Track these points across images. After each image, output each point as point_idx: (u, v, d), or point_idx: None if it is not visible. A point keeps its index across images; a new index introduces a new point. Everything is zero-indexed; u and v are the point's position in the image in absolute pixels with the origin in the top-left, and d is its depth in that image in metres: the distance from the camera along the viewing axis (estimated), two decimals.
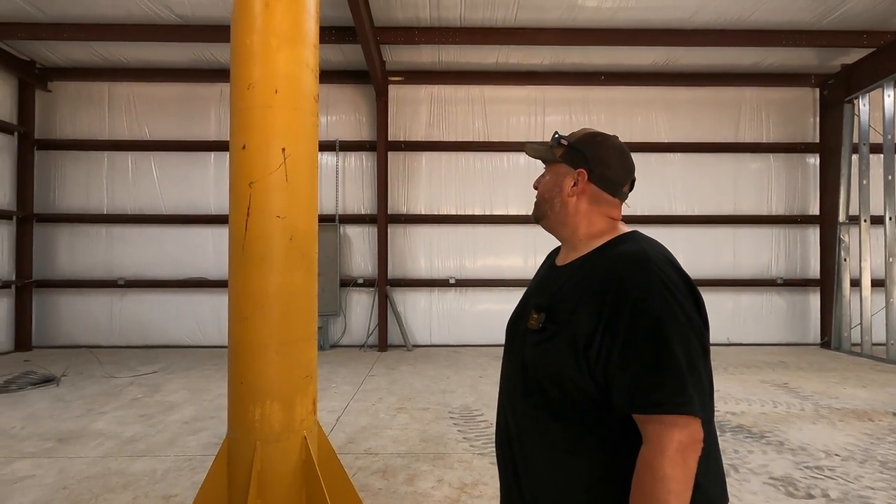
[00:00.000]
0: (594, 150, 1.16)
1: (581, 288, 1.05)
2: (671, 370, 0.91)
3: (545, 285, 1.20)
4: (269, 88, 2.11)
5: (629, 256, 1.03)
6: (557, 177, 1.18)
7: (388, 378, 5.86)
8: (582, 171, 1.14)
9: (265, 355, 2.12)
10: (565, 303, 1.06)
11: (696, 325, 0.96)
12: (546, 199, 1.19)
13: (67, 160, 7.89)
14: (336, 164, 7.94)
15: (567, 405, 1.01)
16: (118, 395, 5.14)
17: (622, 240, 1.11)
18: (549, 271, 1.24)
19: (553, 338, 1.04)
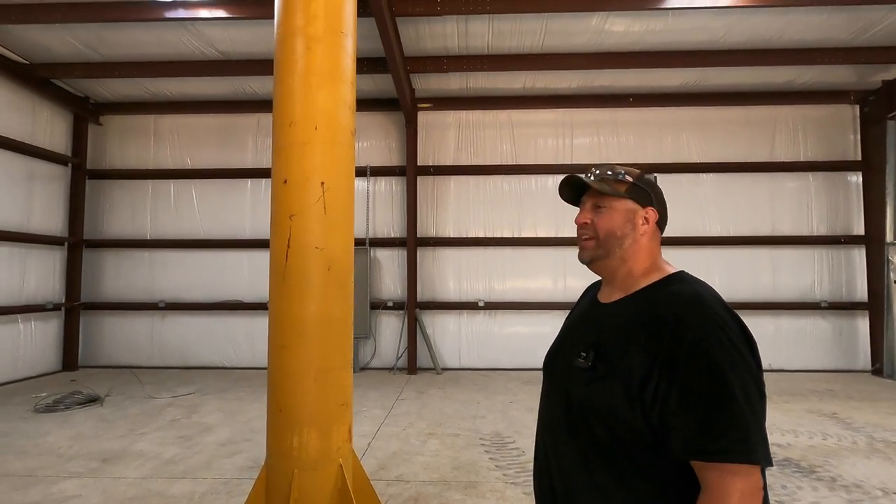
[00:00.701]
0: (654, 190, 1.19)
1: (633, 327, 1.04)
2: (734, 416, 0.89)
3: (590, 322, 1.20)
4: (309, 125, 2.21)
5: (684, 297, 1.03)
6: (626, 213, 1.15)
7: (419, 402, 5.85)
8: (653, 209, 1.16)
9: (303, 383, 2.17)
10: (616, 342, 1.05)
11: (753, 369, 0.95)
12: (616, 237, 1.14)
13: (115, 188, 8.33)
14: (367, 188, 8.11)
15: (616, 446, 1.00)
16: (158, 415, 5.30)
17: (673, 279, 1.11)
18: (593, 308, 1.23)
19: (604, 378, 1.03)
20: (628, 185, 1.16)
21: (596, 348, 1.07)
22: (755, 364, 0.97)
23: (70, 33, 6.24)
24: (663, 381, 0.95)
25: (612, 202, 1.16)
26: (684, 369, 0.93)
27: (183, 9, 5.62)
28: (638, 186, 1.16)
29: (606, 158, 7.99)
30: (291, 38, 2.25)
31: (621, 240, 1.14)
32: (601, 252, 1.16)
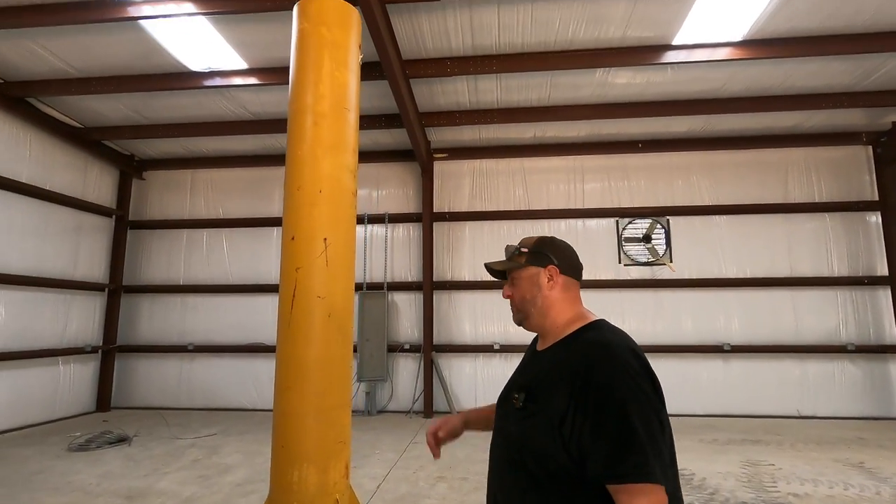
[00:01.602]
0: (551, 248, 1.39)
1: (556, 371, 1.22)
2: (635, 445, 1.05)
3: (528, 368, 1.39)
4: (314, 189, 2.51)
5: (595, 345, 1.21)
6: (531, 278, 1.37)
7: None
8: (553, 266, 1.36)
9: (304, 422, 2.37)
10: (543, 385, 1.22)
11: (654, 405, 1.12)
12: (527, 300, 1.36)
13: (153, 237, 8.95)
14: (385, 234, 8.48)
15: (547, 479, 1.15)
16: (181, 455, 5.52)
17: (589, 328, 1.29)
18: (532, 356, 1.42)
19: (533, 416, 1.20)
20: (526, 254, 1.39)
21: (527, 390, 1.25)
22: (657, 400, 1.13)
23: (120, 101, 6.98)
24: (578, 417, 1.11)
25: (518, 273, 1.40)
26: (594, 406, 1.10)
27: (220, 77, 6.25)
28: (535, 252, 1.38)
29: (618, 202, 8.17)
30: (302, 114, 2.60)
31: (533, 301, 1.36)
32: (522, 315, 1.39)
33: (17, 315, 6.87)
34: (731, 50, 5.65)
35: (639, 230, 8.01)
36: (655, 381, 1.17)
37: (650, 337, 7.71)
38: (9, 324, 6.75)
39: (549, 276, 1.36)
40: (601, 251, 8.03)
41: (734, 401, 7.50)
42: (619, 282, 7.89)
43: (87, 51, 5.80)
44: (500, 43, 5.72)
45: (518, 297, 1.38)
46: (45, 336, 7.31)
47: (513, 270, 1.41)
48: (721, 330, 7.68)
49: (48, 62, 6.01)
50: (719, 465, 5.00)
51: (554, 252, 1.38)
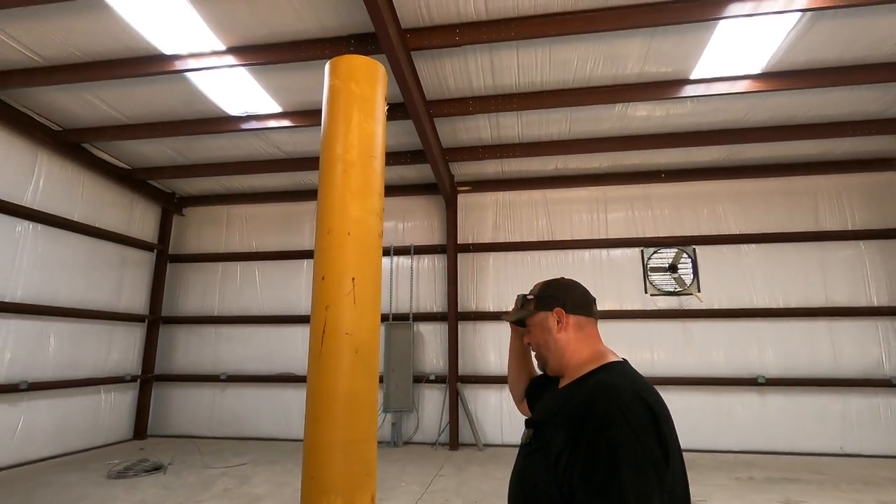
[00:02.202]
0: (556, 290, 1.46)
1: (562, 411, 1.24)
2: (615, 497, 1.02)
3: (543, 405, 1.45)
4: (343, 232, 2.69)
5: (599, 385, 1.21)
6: (542, 323, 1.43)
7: (457, 479, 5.88)
8: (558, 308, 1.41)
9: (332, 454, 2.47)
10: (550, 422, 1.25)
11: (653, 457, 1.06)
12: (542, 345, 1.41)
13: (191, 270, 9.37)
14: (411, 266, 8.66)
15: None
16: (212, 485, 5.66)
17: (601, 370, 1.29)
18: (551, 393, 1.45)
19: (536, 452, 1.24)
20: (533, 300, 1.45)
21: (535, 426, 1.30)
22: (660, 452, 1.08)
23: (165, 144, 7.49)
24: (571, 457, 1.11)
25: (530, 322, 1.48)
26: (585, 448, 1.09)
27: (255, 121, 6.67)
28: (540, 297, 1.44)
29: (642, 231, 8.16)
30: (333, 163, 2.80)
31: (546, 346, 1.41)
32: (541, 361, 1.45)
33: (64, 345, 7.27)
34: (751, 82, 5.72)
35: (664, 259, 7.95)
36: (663, 427, 1.12)
37: (680, 369, 7.54)
38: (57, 354, 7.15)
39: (557, 319, 1.39)
40: (626, 281, 7.98)
41: (772, 436, 7.21)
42: (645, 312, 7.80)
43: (136, 100, 6.31)
44: (520, 82, 5.95)
45: (534, 344, 1.44)
46: (89, 365, 7.68)
47: (525, 318, 1.48)
48: (755, 362, 7.46)
49: (102, 111, 6.54)
50: None
51: (558, 293, 1.43)
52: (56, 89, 6.05)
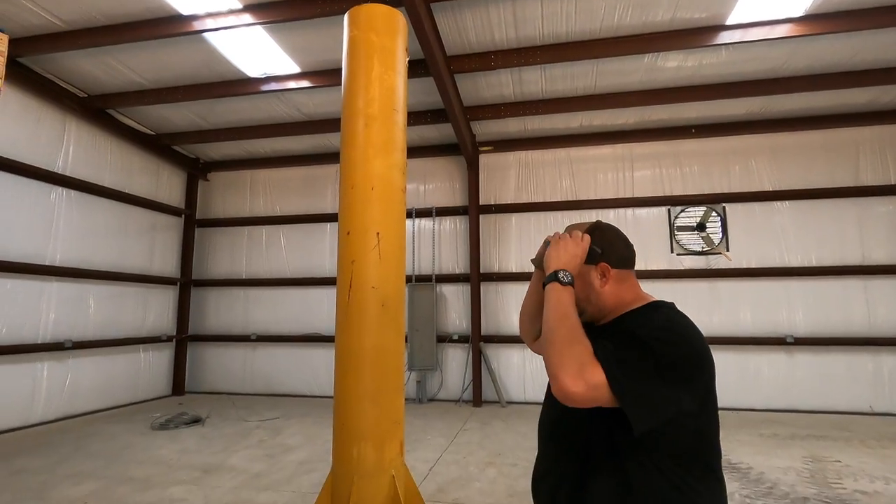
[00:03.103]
0: (601, 241, 1.39)
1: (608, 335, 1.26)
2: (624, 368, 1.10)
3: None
4: (367, 187, 2.68)
5: (648, 308, 1.33)
6: (584, 276, 1.37)
7: (481, 433, 6.05)
8: (604, 264, 1.37)
9: (362, 404, 2.56)
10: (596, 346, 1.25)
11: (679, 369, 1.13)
12: (581, 298, 1.36)
13: (217, 235, 9.57)
14: (433, 228, 8.66)
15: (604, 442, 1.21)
16: (248, 436, 5.96)
17: (653, 304, 1.35)
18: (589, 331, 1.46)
19: None
20: None
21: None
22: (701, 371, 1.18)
23: (187, 108, 7.52)
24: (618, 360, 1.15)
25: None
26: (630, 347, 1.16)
27: (275, 82, 6.61)
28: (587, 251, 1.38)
29: (669, 190, 7.94)
30: (354, 117, 2.78)
31: (587, 300, 1.38)
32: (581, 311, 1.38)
33: (104, 307, 7.60)
34: (792, 26, 5.36)
35: (692, 218, 7.74)
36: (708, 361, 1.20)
37: (706, 329, 7.45)
38: (97, 315, 7.49)
39: (601, 274, 1.37)
40: (652, 241, 7.83)
41: (799, 395, 7.15)
42: (671, 272, 7.68)
43: (157, 63, 6.30)
44: (544, 33, 5.70)
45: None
46: (127, 326, 8.04)
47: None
48: (783, 321, 7.33)
49: (124, 76, 6.57)
50: (780, 460, 4.83)
51: (603, 245, 1.38)
52: (79, 54, 6.08)
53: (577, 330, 1.18)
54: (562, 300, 1.23)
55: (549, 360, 1.14)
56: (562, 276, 1.28)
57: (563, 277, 1.28)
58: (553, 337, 1.17)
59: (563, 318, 1.20)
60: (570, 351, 1.13)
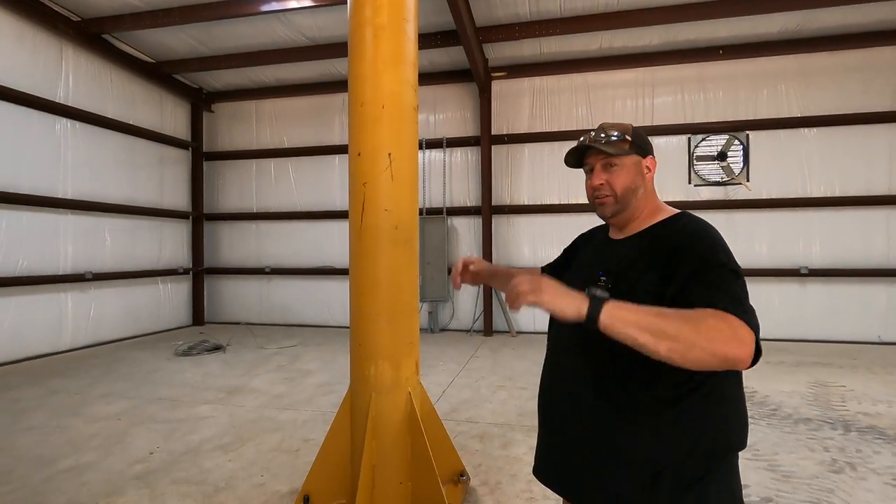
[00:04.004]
0: (646, 140, 1.36)
1: (650, 253, 1.21)
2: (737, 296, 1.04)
3: (605, 256, 1.35)
4: (377, 105, 2.55)
5: (696, 228, 1.22)
6: (634, 167, 1.32)
7: (492, 360, 6.23)
8: (652, 157, 1.36)
9: (377, 324, 2.59)
10: (634, 266, 1.22)
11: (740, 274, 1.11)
12: (631, 189, 1.31)
13: (226, 168, 9.48)
14: (443, 159, 8.46)
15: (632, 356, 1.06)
16: (267, 362, 6.21)
17: (681, 217, 1.29)
18: (606, 245, 1.40)
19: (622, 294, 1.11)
20: (629, 141, 1.31)
21: (616, 274, 1.24)
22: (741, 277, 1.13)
23: (184, 32, 7.16)
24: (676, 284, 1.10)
25: (622, 160, 1.31)
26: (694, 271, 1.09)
27: (275, 1, 6.22)
28: (637, 141, 1.32)
29: (691, 117, 7.59)
30: (361, 28, 2.59)
31: (635, 191, 1.32)
32: (620, 206, 1.32)
33: (119, 241, 7.71)
34: None
35: (713, 147, 7.45)
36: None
37: None
38: (114, 248, 7.61)
39: (647, 168, 1.35)
40: (669, 171, 7.60)
41: (809, 326, 7.20)
42: (687, 203, 7.50)
43: None
44: None
45: (621, 186, 1.31)
46: (144, 259, 8.19)
47: (616, 156, 1.31)
48: (799, 253, 7.23)
49: None
50: (785, 385, 4.94)
51: (647, 142, 1.37)
52: None
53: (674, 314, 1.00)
54: (628, 318, 1.00)
55: (696, 357, 0.97)
56: (600, 294, 1.05)
57: (601, 294, 1.05)
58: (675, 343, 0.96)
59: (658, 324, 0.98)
60: (700, 332, 0.96)
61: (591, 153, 1.34)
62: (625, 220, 1.35)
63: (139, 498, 2.84)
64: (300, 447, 3.54)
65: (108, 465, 3.26)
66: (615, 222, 1.37)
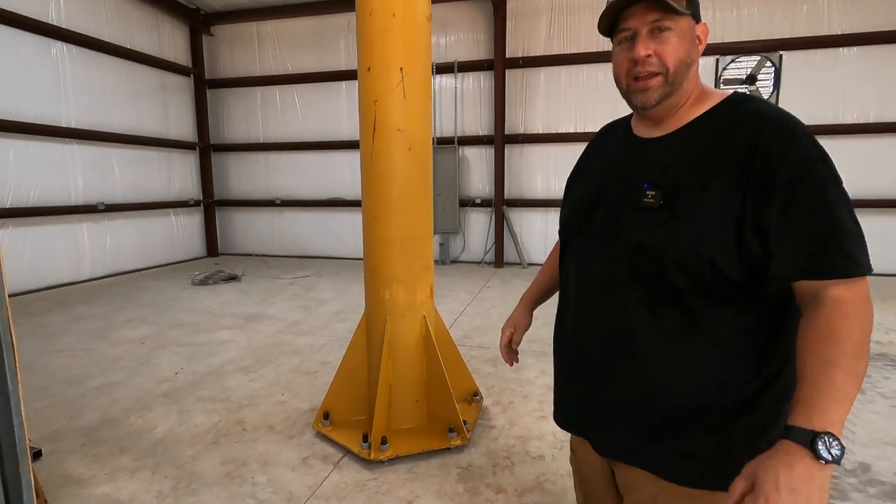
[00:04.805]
0: (695, 4, 0.97)
1: (710, 157, 0.90)
2: (844, 231, 0.82)
3: (639, 160, 1.01)
4: (387, 13, 2.36)
5: (768, 116, 0.88)
6: (690, 34, 0.94)
7: (503, 290, 6.28)
8: (705, 24, 0.97)
9: (391, 248, 2.56)
10: (688, 176, 0.91)
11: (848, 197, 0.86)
12: (687, 65, 0.94)
13: (230, 96, 9.17)
14: (454, 85, 8.08)
15: (693, 291, 0.90)
16: (282, 291, 6.32)
17: (740, 99, 0.95)
18: (634, 146, 1.04)
19: (681, 216, 0.89)
20: (686, 1, 0.93)
21: (662, 186, 0.93)
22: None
23: None
24: (761, 209, 0.84)
25: (677, 23, 0.92)
26: (785, 191, 0.83)
27: None
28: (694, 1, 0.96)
29: (721, 36, 7.07)
30: None
31: (689, 68, 0.95)
32: (670, 89, 0.95)
33: (128, 172, 7.64)
34: None
35: (742, 69, 7.00)
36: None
37: None
38: (124, 179, 7.56)
39: (698, 38, 0.97)
40: None
41: None
42: None
43: None
44: None
45: (675, 60, 0.93)
46: (154, 190, 8.16)
47: (669, 17, 0.92)
48: None
49: None
50: None
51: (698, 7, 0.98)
52: None
53: (844, 354, 0.77)
54: (845, 410, 0.75)
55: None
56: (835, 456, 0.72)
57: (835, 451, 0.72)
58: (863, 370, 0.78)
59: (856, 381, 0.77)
60: (864, 345, 0.79)
61: (637, 11, 0.93)
62: (667, 109, 0.98)
63: (167, 413, 2.98)
64: (318, 369, 3.66)
65: (136, 384, 3.41)
66: (655, 113, 0.99)
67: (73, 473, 2.37)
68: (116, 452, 2.56)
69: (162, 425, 2.83)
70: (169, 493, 2.23)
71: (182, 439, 2.68)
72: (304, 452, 2.54)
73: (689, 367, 0.93)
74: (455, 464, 2.43)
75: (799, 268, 0.83)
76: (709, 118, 0.95)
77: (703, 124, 0.95)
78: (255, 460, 2.47)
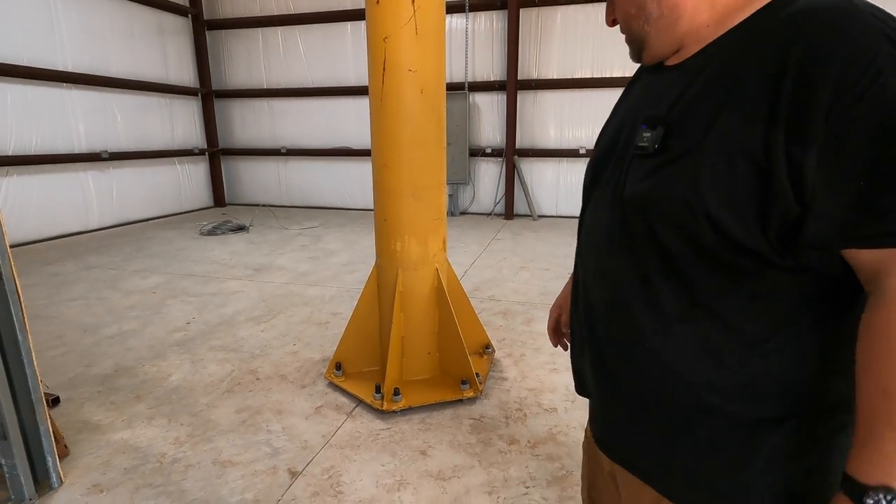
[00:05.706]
0: None
1: (731, 77, 0.64)
2: None
3: (654, 94, 0.78)
4: None
5: (819, 8, 0.60)
6: None
7: (513, 242, 6.20)
8: None
9: (402, 198, 2.46)
10: (699, 105, 0.67)
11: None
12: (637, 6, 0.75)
13: (230, 39, 8.78)
14: (465, 27, 7.65)
15: (692, 259, 0.68)
16: (291, 241, 6.28)
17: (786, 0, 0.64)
18: (656, 77, 0.81)
19: (680, 159, 0.67)
20: None
21: (665, 122, 0.71)
22: None
23: None
24: (793, 145, 0.57)
25: None
26: (827, 115, 0.55)
27: None
28: None
29: None
30: None
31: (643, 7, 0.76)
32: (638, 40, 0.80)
33: (130, 119, 7.45)
34: None
35: None
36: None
37: None
38: (126, 126, 7.39)
39: None
40: None
41: None
42: None
43: None
44: None
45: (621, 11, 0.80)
46: (157, 138, 7.99)
47: None
48: None
49: None
50: None
51: None
52: None
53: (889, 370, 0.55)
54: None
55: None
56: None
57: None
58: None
59: None
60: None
61: None
62: (669, 46, 0.76)
63: (181, 362, 3.01)
64: (329, 320, 3.66)
65: (149, 333, 3.43)
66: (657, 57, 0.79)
67: (91, 420, 2.41)
68: (133, 400, 2.59)
69: (176, 374, 2.86)
70: (186, 439, 2.26)
71: (196, 388, 2.71)
72: (318, 402, 2.56)
73: (688, 359, 0.71)
74: (468, 415, 2.44)
75: (837, 229, 0.57)
76: (739, 32, 0.68)
77: (730, 41, 0.68)
78: (269, 409, 2.50)
